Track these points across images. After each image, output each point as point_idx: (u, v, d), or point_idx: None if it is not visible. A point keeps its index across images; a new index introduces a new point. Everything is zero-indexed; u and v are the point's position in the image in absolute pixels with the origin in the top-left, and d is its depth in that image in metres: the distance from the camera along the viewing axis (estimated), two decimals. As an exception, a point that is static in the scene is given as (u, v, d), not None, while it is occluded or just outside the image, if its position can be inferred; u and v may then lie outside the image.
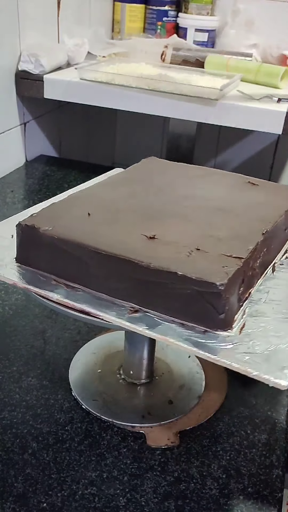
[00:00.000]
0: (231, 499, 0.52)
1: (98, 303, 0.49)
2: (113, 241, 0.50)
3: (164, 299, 0.48)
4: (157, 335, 0.46)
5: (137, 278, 0.48)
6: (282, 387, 0.41)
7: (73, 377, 0.65)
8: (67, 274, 0.52)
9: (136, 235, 0.52)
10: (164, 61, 1.37)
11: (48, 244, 0.52)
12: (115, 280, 0.50)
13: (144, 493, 0.52)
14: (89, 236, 0.51)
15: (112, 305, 0.49)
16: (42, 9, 1.23)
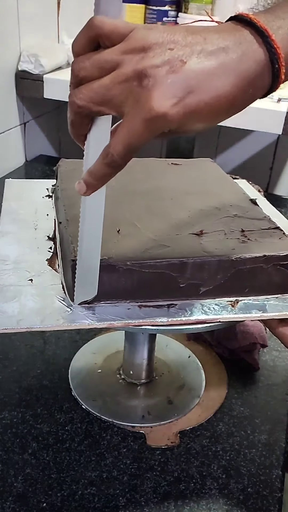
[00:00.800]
0: (230, 499, 0.52)
1: (200, 309, 0.49)
2: (179, 248, 0.50)
3: (252, 282, 0.50)
4: (273, 314, 0.49)
5: (226, 273, 0.50)
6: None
7: (73, 377, 0.65)
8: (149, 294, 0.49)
9: (185, 235, 0.52)
10: (164, 61, 1.36)
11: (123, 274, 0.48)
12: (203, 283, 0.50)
13: (144, 493, 0.52)
14: (154, 251, 0.49)
15: (211, 306, 0.49)
16: (42, 9, 1.23)
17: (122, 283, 0.48)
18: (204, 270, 0.49)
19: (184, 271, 0.49)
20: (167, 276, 0.49)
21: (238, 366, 0.69)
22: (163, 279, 0.49)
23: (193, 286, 0.50)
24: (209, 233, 0.53)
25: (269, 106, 1.08)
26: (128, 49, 0.36)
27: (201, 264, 0.49)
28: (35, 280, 0.51)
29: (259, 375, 0.68)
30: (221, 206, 0.58)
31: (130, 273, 0.48)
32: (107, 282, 0.48)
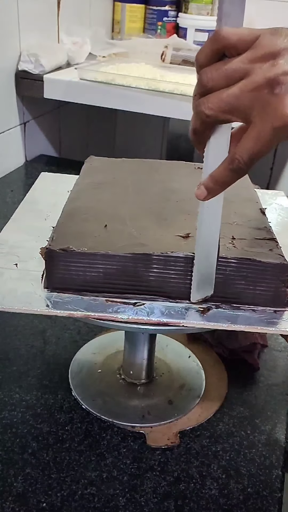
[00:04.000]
0: (230, 499, 0.52)
1: (167, 312, 0.49)
2: (159, 245, 0.50)
3: (228, 289, 0.49)
4: (244, 326, 0.48)
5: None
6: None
7: (73, 377, 0.65)
8: (118, 290, 0.50)
9: (171, 236, 0.52)
10: (164, 61, 1.36)
11: (92, 264, 0.49)
12: (175, 283, 0.50)
13: (144, 493, 0.52)
14: (134, 245, 0.49)
15: (181, 309, 0.49)
16: (42, 9, 1.23)
17: (89, 273, 0.50)
18: (171, 267, 0.49)
19: (149, 265, 0.49)
20: (132, 270, 0.49)
21: (238, 366, 0.69)
22: (129, 274, 0.49)
23: (164, 285, 0.50)
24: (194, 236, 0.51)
25: (269, 106, 1.08)
26: (257, 57, 0.36)
27: (166, 260, 0.49)
28: (20, 265, 0.54)
29: (259, 375, 0.68)
30: (226, 213, 0.55)
31: (95, 263, 0.49)
32: (75, 271, 0.50)
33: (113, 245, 0.50)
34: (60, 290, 0.51)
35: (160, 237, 0.52)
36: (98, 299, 0.50)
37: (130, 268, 0.49)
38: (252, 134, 0.38)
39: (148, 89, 1.12)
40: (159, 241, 0.51)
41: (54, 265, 0.50)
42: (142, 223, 0.55)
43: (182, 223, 0.55)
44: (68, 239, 0.51)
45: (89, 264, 0.50)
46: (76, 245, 0.50)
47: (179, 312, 0.49)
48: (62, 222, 0.55)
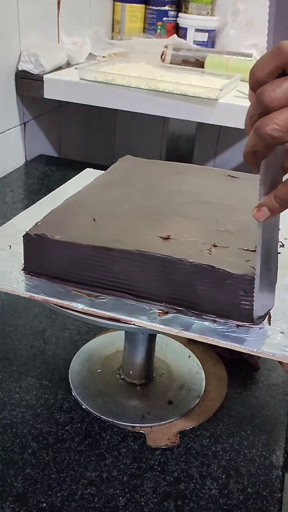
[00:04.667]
0: (230, 499, 0.52)
1: (125, 309, 0.49)
2: (134, 243, 0.50)
3: (193, 295, 0.48)
4: (194, 334, 0.46)
5: (165, 276, 0.48)
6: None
7: (73, 377, 0.65)
8: (87, 283, 0.51)
9: (151, 236, 0.51)
10: (164, 61, 1.37)
11: (62, 252, 0.51)
12: (140, 281, 0.50)
13: (144, 493, 0.52)
14: (106, 240, 0.50)
15: (140, 309, 0.49)
16: (42, 9, 1.23)
17: (60, 261, 0.51)
18: (133, 264, 0.49)
19: (111, 259, 0.49)
20: (95, 262, 0.50)
21: (238, 366, 0.69)
22: (93, 266, 0.50)
23: (128, 283, 0.50)
24: (176, 239, 0.51)
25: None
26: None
27: (127, 255, 0.49)
28: (13, 247, 0.57)
29: (259, 375, 0.68)
30: (223, 220, 0.56)
31: (65, 251, 0.51)
32: (48, 258, 0.52)
33: (89, 237, 0.51)
34: (35, 274, 0.53)
35: (142, 235, 0.52)
36: (66, 287, 0.52)
37: (93, 260, 0.50)
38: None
39: (148, 89, 1.12)
40: (136, 238, 0.51)
41: (29, 250, 0.53)
42: (133, 221, 0.55)
43: (172, 225, 0.54)
44: (49, 227, 0.53)
45: (60, 252, 0.51)
46: (54, 233, 0.51)
47: (137, 310, 0.49)
48: (54, 212, 0.57)
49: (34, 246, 0.52)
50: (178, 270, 0.48)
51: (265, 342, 0.45)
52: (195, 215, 0.56)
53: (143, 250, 0.49)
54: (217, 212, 0.57)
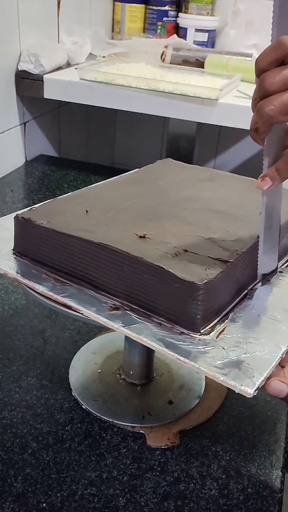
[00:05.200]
0: (230, 499, 0.52)
1: (83, 299, 0.50)
2: (105, 236, 0.51)
3: (147, 296, 0.48)
4: (131, 333, 0.46)
5: (124, 272, 0.49)
6: (248, 395, 0.40)
7: (73, 377, 0.65)
8: (59, 268, 0.53)
9: (128, 233, 0.52)
10: (164, 61, 1.37)
11: (43, 238, 0.53)
12: (103, 274, 0.50)
13: (144, 493, 0.52)
14: (82, 231, 0.52)
15: (96, 301, 0.50)
16: (42, 9, 1.23)
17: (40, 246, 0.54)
18: (95, 255, 0.50)
19: (78, 248, 0.51)
20: (66, 250, 0.52)
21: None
22: (65, 253, 0.52)
23: (90, 272, 0.51)
24: (152, 239, 0.51)
25: (269, 106, 1.08)
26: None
27: (87, 245, 0.50)
28: None
29: (259, 375, 0.68)
30: (215, 229, 0.55)
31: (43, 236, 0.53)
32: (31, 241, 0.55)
33: (68, 226, 0.53)
34: (20, 255, 0.56)
35: (120, 231, 0.52)
36: (40, 270, 0.54)
37: (65, 248, 0.52)
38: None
39: (148, 89, 1.12)
40: (110, 233, 0.52)
41: (17, 231, 0.56)
42: (122, 217, 0.55)
43: (158, 226, 0.54)
44: (41, 213, 0.55)
45: (41, 237, 0.54)
46: (39, 219, 0.54)
47: (91, 301, 0.50)
48: (56, 200, 0.59)
49: (21, 228, 0.55)
50: (133, 268, 0.48)
51: (199, 353, 0.44)
52: (190, 220, 0.56)
53: (103, 243, 0.49)
54: (215, 220, 0.56)
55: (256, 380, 0.41)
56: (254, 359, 0.44)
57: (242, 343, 0.45)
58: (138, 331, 0.46)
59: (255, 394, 0.41)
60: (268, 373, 0.42)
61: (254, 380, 0.41)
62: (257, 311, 0.50)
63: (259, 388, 0.41)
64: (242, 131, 1.17)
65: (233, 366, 0.43)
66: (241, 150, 1.74)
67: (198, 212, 0.58)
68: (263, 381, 0.42)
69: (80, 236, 0.51)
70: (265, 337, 0.46)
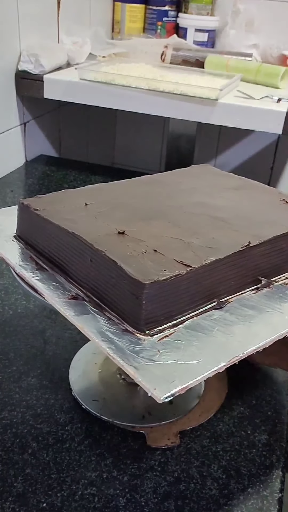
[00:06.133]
0: (231, 499, 0.52)
1: (51, 284, 0.52)
2: (83, 228, 0.52)
3: (104, 289, 0.49)
4: (77, 322, 0.47)
5: (88, 264, 0.50)
6: (158, 400, 0.39)
7: (73, 377, 0.65)
8: (43, 253, 0.56)
9: (110, 228, 0.53)
10: (164, 61, 1.37)
11: (34, 223, 0.57)
12: (73, 263, 0.52)
13: (144, 493, 0.52)
14: (65, 220, 0.54)
15: (61, 288, 0.51)
16: (42, 9, 1.23)
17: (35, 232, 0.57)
18: (68, 245, 0.52)
19: (57, 236, 0.53)
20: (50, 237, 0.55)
21: (238, 366, 0.68)
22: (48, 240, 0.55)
23: (63, 260, 0.53)
24: (129, 236, 0.51)
25: (269, 106, 1.08)
26: None
27: (63, 234, 0.53)
28: None
29: (259, 375, 0.68)
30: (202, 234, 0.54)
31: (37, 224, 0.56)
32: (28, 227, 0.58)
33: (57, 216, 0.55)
34: (20, 238, 0.59)
35: (103, 225, 0.54)
36: (29, 254, 0.57)
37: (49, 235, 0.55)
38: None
39: (148, 89, 1.12)
40: (92, 225, 0.53)
41: (20, 216, 0.59)
42: (115, 214, 0.57)
43: (144, 226, 0.54)
44: (43, 202, 0.58)
45: (35, 223, 0.56)
46: (37, 206, 0.57)
47: (56, 288, 0.51)
48: (66, 191, 0.62)
49: (20, 213, 0.59)
50: (95, 261, 0.49)
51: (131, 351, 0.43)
52: (180, 224, 0.55)
53: (75, 233, 0.51)
54: (207, 227, 0.55)
55: (174, 387, 0.40)
56: (183, 367, 0.42)
57: (181, 349, 0.44)
58: (83, 322, 0.47)
59: (165, 400, 0.40)
60: (191, 384, 0.41)
61: (171, 386, 0.40)
62: (218, 322, 0.48)
63: (173, 396, 0.40)
64: (242, 131, 1.18)
65: (158, 369, 0.42)
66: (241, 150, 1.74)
67: (196, 217, 0.58)
68: (180, 390, 0.40)
69: (59, 225, 0.53)
70: (210, 349, 0.45)
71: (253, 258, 0.53)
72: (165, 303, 0.47)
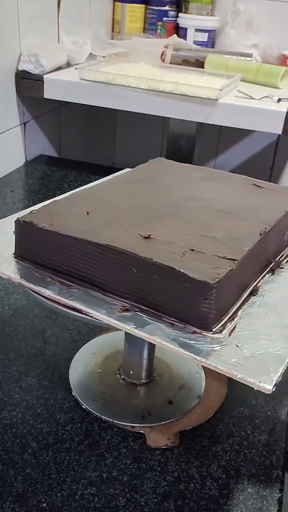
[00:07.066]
0: (230, 499, 0.52)
1: (91, 301, 0.50)
2: (110, 238, 0.50)
3: (157, 296, 0.48)
4: (144, 334, 0.46)
5: (132, 274, 0.49)
6: (267, 391, 0.41)
7: (73, 377, 0.65)
8: (62, 271, 0.53)
9: (132, 234, 0.52)
10: (164, 61, 1.37)
11: (46, 241, 0.53)
12: (110, 276, 0.50)
13: (144, 493, 0.52)
14: (86, 233, 0.51)
15: (104, 303, 0.50)
16: (42, 9, 1.23)
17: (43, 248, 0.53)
18: (102, 256, 0.50)
19: (83, 250, 0.51)
20: (70, 252, 0.52)
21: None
22: (69, 256, 0.52)
23: (97, 274, 0.51)
24: (157, 239, 0.51)
25: (269, 106, 1.08)
26: None
27: (91, 247, 0.50)
28: None
29: (259, 375, 0.68)
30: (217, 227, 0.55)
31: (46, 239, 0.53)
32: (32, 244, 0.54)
33: (71, 228, 0.52)
34: (22, 258, 0.55)
35: (123, 232, 0.52)
36: (44, 274, 0.53)
37: (68, 250, 0.52)
38: None
39: (148, 89, 1.12)
40: (114, 233, 0.51)
41: (19, 235, 0.55)
42: (124, 218, 0.55)
43: (159, 226, 0.54)
44: (42, 215, 0.55)
45: (44, 240, 0.53)
46: (41, 222, 0.53)
47: (100, 304, 0.49)
48: (55, 201, 0.59)
49: (23, 232, 0.55)
50: (142, 269, 0.48)
51: (214, 351, 0.44)
52: (191, 220, 0.56)
53: (110, 245, 0.49)
54: (216, 219, 0.56)
55: (273, 376, 0.42)
56: (268, 355, 0.44)
57: (254, 339, 0.46)
58: (151, 332, 0.46)
59: (273, 390, 0.41)
60: (284, 368, 0.43)
61: (271, 377, 0.42)
62: (264, 307, 0.51)
63: (276, 384, 0.41)
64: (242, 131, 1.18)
65: (248, 363, 0.43)
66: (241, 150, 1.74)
67: (198, 211, 0.58)
68: (279, 377, 0.42)
69: (85, 238, 0.50)
70: (276, 333, 0.47)
71: (266, 242, 0.56)
72: (223, 299, 0.48)
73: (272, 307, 0.51)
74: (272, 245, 0.58)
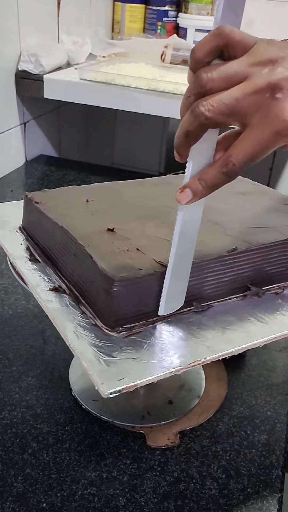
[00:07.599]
0: (230, 499, 0.52)
1: (37, 275, 0.53)
2: (76, 224, 0.53)
3: (83, 284, 0.50)
4: (49, 311, 0.48)
5: (72, 258, 0.51)
6: (103, 394, 0.39)
7: (73, 377, 0.65)
8: (39, 245, 0.58)
9: (101, 225, 0.53)
10: (164, 61, 1.37)
11: (34, 216, 0.58)
12: (62, 258, 0.53)
13: (144, 493, 0.52)
14: (60, 215, 0.55)
15: (47, 280, 0.52)
16: (42, 9, 1.23)
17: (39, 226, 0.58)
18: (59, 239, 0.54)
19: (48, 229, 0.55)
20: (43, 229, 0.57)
21: (238, 366, 0.69)
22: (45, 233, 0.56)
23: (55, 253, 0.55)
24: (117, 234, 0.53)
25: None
26: (256, 62, 0.36)
27: (55, 228, 0.54)
28: None
29: (259, 375, 0.68)
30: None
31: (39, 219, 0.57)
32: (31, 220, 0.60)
33: (55, 210, 0.56)
34: (24, 230, 0.61)
35: (97, 222, 0.54)
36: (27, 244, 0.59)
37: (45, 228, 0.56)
38: (250, 138, 0.37)
39: (148, 89, 1.12)
40: (86, 221, 0.54)
41: (24, 209, 0.61)
42: (112, 212, 0.58)
43: (137, 225, 0.55)
44: (46, 196, 0.60)
45: (37, 217, 0.58)
46: (40, 200, 0.58)
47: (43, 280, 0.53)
48: (73, 187, 0.64)
49: (26, 206, 0.61)
50: (78, 255, 0.50)
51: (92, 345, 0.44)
52: (171, 224, 0.55)
53: (64, 227, 0.52)
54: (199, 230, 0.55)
55: (122, 384, 0.40)
56: (139, 366, 0.42)
57: (143, 348, 0.44)
58: (57, 313, 0.48)
59: (110, 396, 0.39)
60: (141, 383, 0.41)
61: (119, 383, 0.40)
62: (188, 326, 0.47)
63: (119, 392, 0.39)
64: (242, 131, 1.17)
65: (113, 364, 0.42)
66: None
67: None
68: (128, 388, 0.40)
69: (52, 218, 0.54)
70: (174, 351, 0.44)
71: (242, 264, 0.52)
72: (138, 302, 0.46)
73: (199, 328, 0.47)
74: (257, 270, 0.53)
